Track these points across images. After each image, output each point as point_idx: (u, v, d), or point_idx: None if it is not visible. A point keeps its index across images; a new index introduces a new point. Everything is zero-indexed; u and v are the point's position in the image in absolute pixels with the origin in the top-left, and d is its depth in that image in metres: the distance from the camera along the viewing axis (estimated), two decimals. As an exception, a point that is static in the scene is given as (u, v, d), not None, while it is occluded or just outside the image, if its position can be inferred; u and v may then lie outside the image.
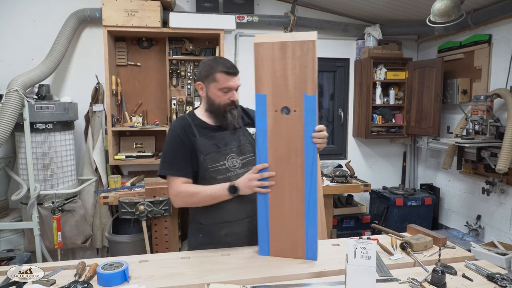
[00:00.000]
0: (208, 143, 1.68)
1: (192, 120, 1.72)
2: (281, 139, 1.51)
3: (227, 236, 1.70)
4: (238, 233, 1.71)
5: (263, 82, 1.51)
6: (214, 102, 1.69)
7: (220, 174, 1.68)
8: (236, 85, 1.69)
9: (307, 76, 1.43)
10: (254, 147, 1.68)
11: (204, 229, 1.73)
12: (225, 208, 1.67)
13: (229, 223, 1.70)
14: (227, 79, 1.65)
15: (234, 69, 1.68)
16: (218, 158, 1.68)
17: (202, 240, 1.73)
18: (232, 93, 1.68)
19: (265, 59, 1.49)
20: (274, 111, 1.51)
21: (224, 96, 1.67)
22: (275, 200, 1.55)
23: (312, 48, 1.41)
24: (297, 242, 1.53)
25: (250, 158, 1.74)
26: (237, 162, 1.71)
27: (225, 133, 1.72)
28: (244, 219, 1.72)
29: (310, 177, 1.46)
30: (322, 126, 1.50)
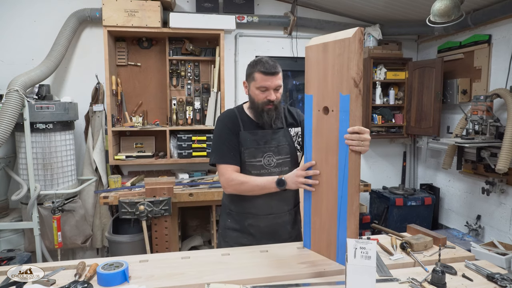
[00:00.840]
0: (250, 138, 1.77)
1: (239, 114, 1.82)
2: (322, 138, 1.54)
3: (251, 227, 1.81)
4: (261, 226, 1.81)
5: (310, 83, 1.57)
6: (254, 100, 1.77)
7: (255, 169, 1.77)
8: (274, 84, 1.72)
9: (343, 75, 1.42)
10: (292, 148, 1.81)
11: (232, 215, 1.86)
12: (253, 201, 1.78)
13: (254, 215, 1.80)
14: (264, 79, 1.71)
15: (273, 69, 1.71)
16: (256, 154, 1.77)
17: (230, 225, 1.86)
18: (269, 92, 1.73)
19: (312, 61, 1.55)
20: (317, 111, 1.55)
21: (261, 95, 1.73)
22: (316, 198, 1.59)
23: (348, 45, 1.38)
24: (330, 243, 1.54)
25: (286, 159, 1.81)
26: (273, 161, 1.78)
27: (267, 131, 1.79)
28: (268, 214, 1.80)
29: (342, 179, 1.45)
30: (359, 128, 1.38)
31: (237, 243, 1.81)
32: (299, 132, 1.88)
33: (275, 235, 1.81)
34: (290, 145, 1.82)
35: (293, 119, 1.89)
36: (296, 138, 1.86)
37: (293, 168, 1.78)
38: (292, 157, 1.83)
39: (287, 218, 1.84)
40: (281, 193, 1.73)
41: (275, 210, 1.80)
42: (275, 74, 1.72)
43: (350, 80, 1.38)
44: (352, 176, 1.42)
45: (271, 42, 3.97)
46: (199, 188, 3.15)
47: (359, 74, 1.37)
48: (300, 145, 1.87)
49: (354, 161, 1.41)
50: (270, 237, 1.81)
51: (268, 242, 1.77)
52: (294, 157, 1.84)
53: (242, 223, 1.83)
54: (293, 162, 1.84)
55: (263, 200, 1.77)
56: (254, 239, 1.81)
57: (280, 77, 1.76)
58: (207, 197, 3.07)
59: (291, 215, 1.86)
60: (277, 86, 1.74)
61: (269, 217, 1.80)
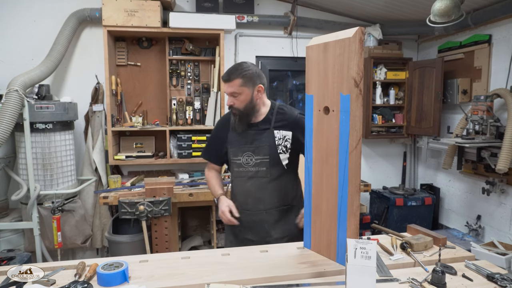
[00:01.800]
0: (235, 138, 1.93)
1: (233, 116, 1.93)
2: (322, 138, 1.54)
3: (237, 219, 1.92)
4: (242, 220, 1.94)
5: (311, 83, 1.57)
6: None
7: (236, 167, 1.95)
8: (228, 91, 1.83)
9: (343, 75, 1.41)
10: (273, 149, 1.88)
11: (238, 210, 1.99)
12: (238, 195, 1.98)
13: (238, 209, 1.94)
14: (223, 85, 1.94)
15: (226, 76, 1.84)
16: (237, 153, 1.93)
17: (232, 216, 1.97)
18: (229, 98, 1.86)
19: (313, 61, 1.55)
20: (318, 111, 1.55)
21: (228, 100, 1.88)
22: (316, 197, 1.59)
23: (348, 45, 1.38)
24: (330, 243, 1.54)
25: (264, 159, 1.89)
26: (251, 161, 1.90)
27: (251, 132, 1.90)
28: (245, 210, 1.95)
29: (342, 179, 1.45)
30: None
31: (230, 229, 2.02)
32: (288, 137, 1.89)
33: (252, 230, 1.95)
34: (270, 147, 1.87)
35: (285, 121, 1.91)
36: (282, 141, 1.89)
37: (272, 169, 1.88)
38: (272, 158, 1.88)
39: (263, 216, 1.93)
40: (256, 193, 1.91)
41: (250, 207, 1.94)
42: (227, 81, 1.83)
43: (351, 80, 1.38)
44: (352, 176, 1.42)
45: (271, 42, 3.97)
46: (199, 188, 3.15)
47: (359, 74, 1.37)
48: (286, 147, 1.89)
49: (354, 161, 1.41)
50: (248, 230, 1.96)
51: (248, 235, 1.95)
52: (275, 158, 1.88)
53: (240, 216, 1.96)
54: (272, 163, 1.89)
55: (241, 197, 1.97)
56: (238, 229, 1.97)
57: (234, 84, 1.81)
58: (207, 197, 3.07)
59: (270, 214, 1.93)
60: (231, 92, 1.82)
61: (246, 213, 1.95)
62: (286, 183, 1.95)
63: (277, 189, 1.92)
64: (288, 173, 1.95)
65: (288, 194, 1.97)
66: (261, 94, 1.90)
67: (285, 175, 1.94)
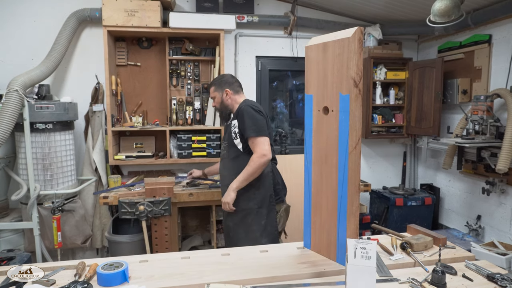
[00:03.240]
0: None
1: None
2: (322, 138, 1.54)
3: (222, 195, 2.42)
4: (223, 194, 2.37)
5: (310, 83, 1.58)
6: None
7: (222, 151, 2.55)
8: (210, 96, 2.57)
9: (343, 75, 1.41)
10: (230, 135, 2.36)
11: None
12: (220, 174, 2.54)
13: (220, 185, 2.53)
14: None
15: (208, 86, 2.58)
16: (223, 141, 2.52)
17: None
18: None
19: (312, 61, 1.56)
20: (317, 111, 1.55)
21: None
22: (316, 197, 1.60)
23: (347, 45, 1.38)
24: (330, 243, 1.54)
25: (225, 144, 2.44)
26: (223, 145, 2.48)
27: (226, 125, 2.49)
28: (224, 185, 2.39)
29: (342, 179, 1.45)
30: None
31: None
32: (236, 124, 2.32)
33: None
34: (229, 133, 2.38)
35: (237, 113, 2.35)
36: (233, 128, 2.33)
37: (230, 150, 2.38)
38: (229, 142, 2.37)
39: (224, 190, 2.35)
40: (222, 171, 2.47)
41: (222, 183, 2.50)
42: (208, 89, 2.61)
43: (350, 80, 1.38)
44: (352, 176, 1.42)
45: (271, 42, 3.97)
46: (199, 188, 3.15)
47: (358, 74, 1.37)
48: (235, 134, 2.32)
49: (353, 161, 1.41)
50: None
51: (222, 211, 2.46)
52: (230, 142, 2.37)
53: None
54: (230, 146, 2.38)
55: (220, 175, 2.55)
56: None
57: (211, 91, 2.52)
58: (207, 197, 3.07)
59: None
60: (211, 97, 2.54)
61: (220, 187, 2.55)
62: (242, 163, 2.27)
63: (235, 168, 2.32)
64: (245, 155, 2.30)
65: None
66: (230, 96, 2.44)
67: (242, 156, 2.32)
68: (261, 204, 2.30)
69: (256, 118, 2.23)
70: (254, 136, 2.20)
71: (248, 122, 2.22)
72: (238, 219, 2.33)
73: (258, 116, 2.25)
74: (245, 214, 2.31)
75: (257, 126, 2.21)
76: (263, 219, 2.30)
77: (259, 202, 2.30)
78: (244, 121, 2.24)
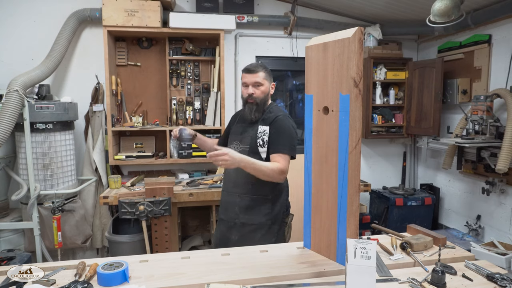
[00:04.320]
0: (234, 129, 2.22)
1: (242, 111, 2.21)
2: (322, 138, 1.54)
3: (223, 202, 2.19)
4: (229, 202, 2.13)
5: (311, 83, 1.58)
6: (242, 96, 2.14)
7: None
8: (251, 81, 2.06)
9: (343, 75, 1.41)
10: (253, 140, 2.06)
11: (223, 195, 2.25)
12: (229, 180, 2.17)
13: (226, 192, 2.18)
14: (245, 76, 2.09)
15: (252, 67, 2.07)
16: (231, 141, 2.19)
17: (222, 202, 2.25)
18: (248, 88, 2.07)
19: (313, 61, 1.56)
20: (317, 111, 1.55)
21: (244, 90, 2.10)
22: (316, 197, 1.60)
23: (347, 45, 1.38)
24: (330, 243, 1.54)
25: (245, 148, 2.10)
26: (236, 148, 2.10)
27: (244, 124, 2.15)
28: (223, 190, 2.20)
29: (342, 179, 1.45)
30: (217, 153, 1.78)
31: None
32: (266, 131, 2.05)
33: (226, 211, 2.15)
34: (252, 138, 2.07)
35: (269, 118, 2.08)
36: (261, 134, 2.06)
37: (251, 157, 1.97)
38: (252, 148, 2.06)
39: (236, 200, 2.10)
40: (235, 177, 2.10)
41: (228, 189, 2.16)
42: (253, 72, 2.06)
43: (350, 80, 1.38)
44: (352, 176, 1.42)
45: (271, 42, 3.97)
46: (199, 188, 3.15)
47: (359, 74, 1.37)
48: (263, 141, 2.06)
49: (353, 161, 1.41)
50: (223, 210, 2.18)
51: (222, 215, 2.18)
52: (253, 148, 2.06)
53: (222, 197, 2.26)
54: (252, 153, 2.04)
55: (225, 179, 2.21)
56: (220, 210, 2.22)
57: (259, 76, 2.06)
58: (207, 197, 3.07)
59: (242, 199, 2.08)
60: (255, 82, 2.06)
61: (224, 193, 2.20)
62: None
63: (254, 177, 1.96)
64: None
65: (265, 185, 2.02)
66: (272, 91, 2.16)
67: None
68: (274, 220, 2.09)
69: (293, 136, 2.04)
70: (286, 153, 1.99)
71: (287, 137, 2.00)
72: (245, 232, 2.07)
73: (295, 133, 2.07)
74: (255, 229, 2.06)
75: (292, 145, 2.02)
76: (274, 236, 2.09)
77: (273, 217, 2.08)
78: (283, 134, 2.00)
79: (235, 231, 2.09)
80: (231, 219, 2.10)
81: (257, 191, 2.06)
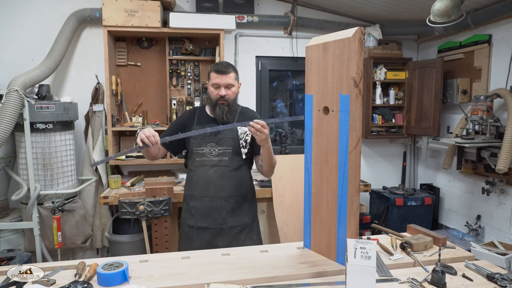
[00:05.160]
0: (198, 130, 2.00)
1: (198, 112, 2.15)
2: (322, 138, 1.54)
3: (192, 208, 2.06)
4: (198, 208, 2.04)
5: (311, 83, 1.58)
6: (209, 96, 2.08)
7: (198, 156, 2.06)
8: (224, 82, 2.01)
9: (343, 75, 1.41)
10: (236, 142, 2.05)
11: (185, 198, 2.15)
12: (195, 184, 2.06)
13: (195, 197, 2.06)
14: (216, 77, 2.02)
15: (224, 68, 2.01)
16: (201, 144, 2.05)
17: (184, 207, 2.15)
18: (220, 89, 2.01)
19: (313, 61, 1.56)
20: (317, 111, 1.55)
21: (214, 91, 2.03)
22: (316, 198, 1.60)
23: (348, 45, 1.38)
24: (330, 243, 1.54)
25: (227, 150, 2.05)
26: (214, 151, 2.04)
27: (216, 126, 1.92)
28: (204, 197, 2.04)
29: (342, 179, 1.45)
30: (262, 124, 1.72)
31: (184, 224, 2.10)
32: (248, 132, 2.04)
33: (209, 218, 2.02)
34: (233, 139, 2.05)
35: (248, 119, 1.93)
36: (243, 135, 2.07)
37: (234, 158, 2.05)
38: (234, 149, 2.05)
39: (222, 203, 2.03)
40: (218, 180, 2.02)
41: (210, 194, 2.02)
42: (225, 73, 2.00)
43: (350, 80, 1.38)
44: (352, 176, 1.42)
45: (271, 42, 3.97)
46: (199, 188, 3.15)
47: (359, 74, 1.37)
48: (246, 142, 2.08)
49: (354, 161, 1.41)
50: (205, 218, 2.03)
51: (204, 223, 2.03)
52: (236, 150, 2.05)
53: (188, 205, 2.10)
54: (234, 154, 2.05)
55: (202, 185, 2.04)
56: (194, 219, 2.05)
57: (231, 77, 2.02)
58: (207, 197, 3.07)
59: (228, 202, 2.04)
60: (227, 84, 2.01)
61: (205, 200, 2.04)
62: (243, 174, 2.10)
63: (236, 178, 2.06)
64: (246, 165, 2.13)
65: (244, 185, 2.10)
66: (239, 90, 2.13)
67: (243, 167, 2.10)
68: (254, 218, 2.16)
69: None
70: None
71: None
72: (232, 235, 2.05)
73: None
74: (241, 230, 2.07)
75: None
76: (255, 233, 2.14)
77: (253, 216, 2.14)
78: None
79: (222, 236, 2.03)
80: (218, 225, 2.02)
81: (240, 192, 2.08)
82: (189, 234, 2.07)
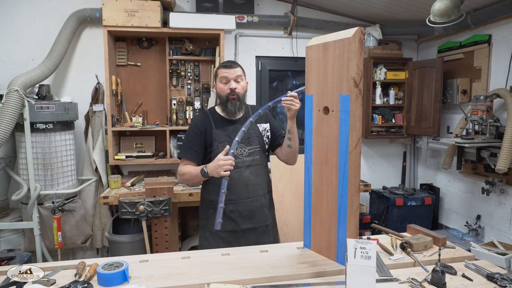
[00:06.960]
0: (222, 133, 1.99)
1: (211, 115, 2.05)
2: (322, 138, 1.54)
3: (231, 213, 1.97)
4: (240, 211, 1.98)
5: (311, 83, 1.58)
6: (220, 94, 2.01)
7: None
8: (233, 75, 1.97)
9: (343, 75, 1.42)
10: (261, 139, 2.04)
11: (213, 205, 1.96)
12: (232, 188, 1.93)
13: (233, 201, 1.97)
14: (224, 72, 1.98)
15: (230, 63, 2.01)
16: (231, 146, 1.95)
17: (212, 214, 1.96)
18: (230, 83, 1.97)
19: (313, 61, 1.56)
20: (317, 111, 1.55)
21: (224, 87, 1.98)
22: (316, 198, 1.60)
23: (348, 45, 1.38)
24: (330, 243, 1.54)
25: (256, 148, 2.03)
26: (245, 151, 2.00)
27: (237, 126, 1.97)
28: (246, 199, 1.99)
29: (342, 179, 1.45)
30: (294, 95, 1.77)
31: (222, 231, 1.96)
32: (267, 128, 2.09)
33: (253, 218, 2.01)
34: (259, 137, 2.04)
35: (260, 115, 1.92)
36: (265, 132, 2.08)
37: (262, 156, 2.06)
38: (262, 147, 2.06)
39: (262, 201, 2.05)
40: (255, 180, 2.00)
41: (251, 195, 2.00)
42: (233, 67, 1.99)
43: (350, 80, 1.38)
44: (352, 176, 1.42)
45: (271, 42, 3.97)
46: (199, 188, 3.14)
47: (359, 74, 1.37)
48: (268, 138, 2.09)
49: (354, 161, 1.41)
50: (249, 220, 2.00)
51: (248, 225, 1.99)
52: (263, 147, 2.06)
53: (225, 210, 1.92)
54: (262, 151, 2.06)
55: (240, 187, 1.98)
56: (235, 224, 1.99)
57: (239, 71, 2.00)
58: (207, 197, 3.07)
59: (266, 199, 2.07)
60: (236, 76, 1.98)
61: (247, 201, 2.00)
62: (268, 170, 2.15)
63: (267, 175, 2.12)
64: (267, 161, 2.16)
65: (270, 179, 2.18)
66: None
67: (267, 163, 2.15)
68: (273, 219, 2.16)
69: None
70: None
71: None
72: (273, 232, 2.11)
73: None
74: (273, 224, 2.14)
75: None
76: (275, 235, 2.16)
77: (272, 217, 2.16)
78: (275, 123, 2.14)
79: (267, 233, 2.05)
80: (263, 223, 2.03)
81: (270, 187, 2.15)
82: (228, 239, 1.98)
